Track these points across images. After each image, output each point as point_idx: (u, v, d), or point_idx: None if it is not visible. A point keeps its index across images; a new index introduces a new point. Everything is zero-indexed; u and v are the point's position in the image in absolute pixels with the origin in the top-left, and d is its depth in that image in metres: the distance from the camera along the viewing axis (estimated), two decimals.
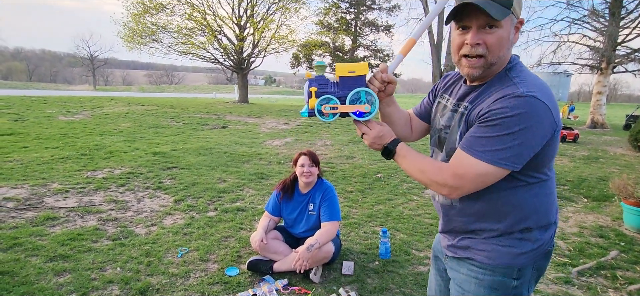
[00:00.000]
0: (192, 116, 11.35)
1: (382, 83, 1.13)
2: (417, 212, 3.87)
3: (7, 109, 10.17)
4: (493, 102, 0.95)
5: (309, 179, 2.59)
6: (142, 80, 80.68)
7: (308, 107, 1.15)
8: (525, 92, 0.91)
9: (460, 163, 0.98)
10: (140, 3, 15.27)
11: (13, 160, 5.12)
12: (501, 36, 0.97)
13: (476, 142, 0.96)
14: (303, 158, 2.61)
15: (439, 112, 1.19)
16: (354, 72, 1.11)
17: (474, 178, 0.97)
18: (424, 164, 1.06)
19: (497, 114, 0.92)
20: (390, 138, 1.13)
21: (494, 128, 0.93)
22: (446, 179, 1.00)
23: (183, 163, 5.50)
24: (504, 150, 0.92)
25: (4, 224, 3.08)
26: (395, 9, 19.81)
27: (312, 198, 2.64)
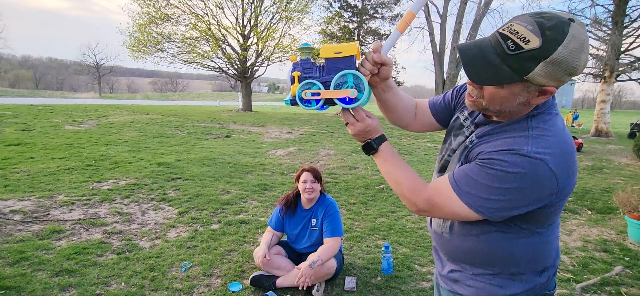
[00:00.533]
0: (196, 125, 11.43)
1: (375, 65, 0.99)
2: (420, 225, 3.87)
3: (15, 119, 10.30)
4: (497, 151, 0.87)
5: (311, 195, 2.62)
6: (147, 88, 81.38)
7: (290, 95, 1.03)
8: (533, 152, 0.83)
9: (441, 192, 0.93)
10: (146, 14, 15.49)
11: (20, 171, 5.19)
12: (498, 94, 0.87)
13: (465, 179, 0.90)
14: (305, 175, 2.63)
15: (455, 129, 1.11)
16: (340, 53, 0.98)
17: (447, 213, 0.93)
18: (402, 176, 0.99)
19: (495, 164, 0.85)
20: (376, 133, 1.03)
21: (487, 177, 0.86)
22: (418, 201, 0.95)
23: (187, 174, 5.54)
24: (488, 200, 0.87)
25: (11, 237, 3.12)
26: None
27: (314, 213, 2.67)
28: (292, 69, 1.03)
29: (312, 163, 6.82)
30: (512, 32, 0.80)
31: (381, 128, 1.04)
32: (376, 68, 1.00)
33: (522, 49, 0.79)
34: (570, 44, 0.77)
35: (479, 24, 16.98)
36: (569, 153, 0.87)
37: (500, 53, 0.82)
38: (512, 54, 0.80)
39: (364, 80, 0.97)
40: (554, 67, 0.79)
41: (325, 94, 0.99)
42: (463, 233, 1.01)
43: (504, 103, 0.88)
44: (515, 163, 0.83)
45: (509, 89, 0.85)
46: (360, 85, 0.98)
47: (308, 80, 1.00)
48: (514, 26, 0.80)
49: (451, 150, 1.07)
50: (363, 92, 0.98)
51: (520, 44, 0.79)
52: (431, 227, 1.14)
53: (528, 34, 0.78)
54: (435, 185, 0.96)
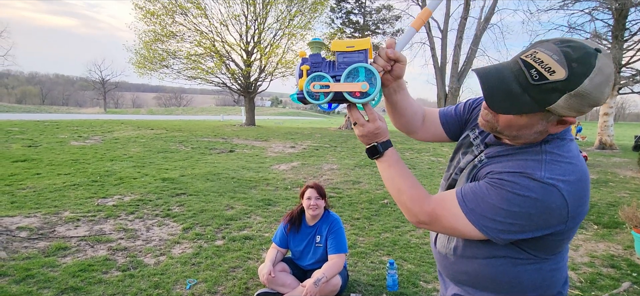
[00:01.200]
0: (200, 140, 11.50)
1: (389, 61, 0.95)
2: (425, 240, 3.86)
3: (22, 134, 10.42)
4: (509, 172, 0.84)
5: (315, 212, 2.63)
6: (152, 103, 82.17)
7: (298, 89, 0.97)
8: (546, 178, 0.80)
9: (444, 206, 0.90)
10: (152, 31, 15.78)
11: (27, 188, 5.23)
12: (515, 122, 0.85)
13: (471, 196, 0.87)
14: (310, 191, 2.65)
15: (464, 147, 1.08)
16: (353, 47, 0.94)
17: (448, 228, 0.90)
18: (405, 184, 0.95)
19: (506, 185, 0.83)
20: (384, 137, 0.99)
21: (495, 196, 0.83)
22: (420, 213, 0.92)
23: (191, 189, 5.57)
24: (493, 221, 0.84)
25: (17, 254, 3.14)
26: (399, 32, 20.14)
27: (318, 230, 2.67)
28: (300, 62, 0.98)
29: (315, 179, 6.83)
30: (536, 61, 0.77)
31: (389, 134, 1.01)
32: (389, 65, 0.96)
33: (546, 79, 0.76)
34: (596, 78, 0.74)
35: (479, 38, 17.16)
36: (583, 181, 0.84)
37: (522, 82, 0.79)
38: (535, 84, 0.77)
39: (377, 74, 0.91)
40: (578, 100, 0.76)
41: (335, 87, 0.92)
42: (468, 256, 0.98)
43: (521, 130, 0.85)
44: (527, 187, 0.80)
45: (528, 119, 0.83)
46: (372, 79, 0.91)
47: (317, 73, 0.94)
48: (538, 54, 0.78)
49: (459, 168, 1.05)
50: (375, 86, 0.91)
51: (544, 74, 0.76)
52: (435, 247, 1.11)
53: (553, 64, 0.75)
54: (439, 198, 0.93)
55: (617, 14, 12.69)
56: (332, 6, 19.53)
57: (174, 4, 15.67)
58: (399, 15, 19.70)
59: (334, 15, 20.02)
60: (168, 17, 15.82)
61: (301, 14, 17.21)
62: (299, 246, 2.71)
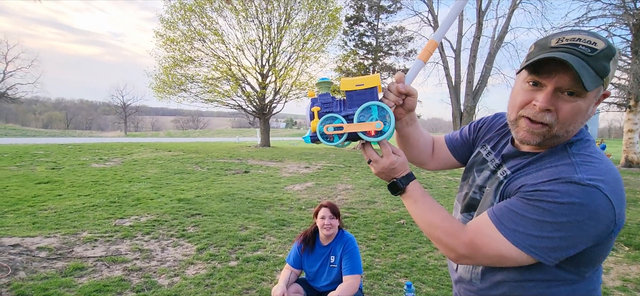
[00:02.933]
0: (215, 161, 11.65)
1: (399, 95, 0.93)
2: (443, 262, 3.72)
3: (46, 157, 10.80)
4: (543, 182, 0.78)
5: (329, 232, 2.58)
6: (170, 126, 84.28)
7: (310, 131, 0.96)
8: (586, 179, 0.74)
9: (482, 233, 0.82)
10: (171, 57, 16.36)
11: (48, 209, 5.37)
12: (580, 108, 0.79)
13: (509, 215, 0.79)
14: (323, 210, 2.61)
15: (477, 165, 1.02)
16: (362, 85, 0.92)
17: (492, 256, 0.82)
18: (437, 218, 0.89)
19: (544, 196, 0.76)
20: (403, 172, 0.94)
21: (535, 210, 0.76)
22: (458, 246, 0.84)
23: (206, 210, 5.59)
24: (540, 238, 0.76)
25: (36, 274, 3.18)
26: (412, 53, 20.25)
27: (333, 250, 2.61)
28: (310, 104, 0.97)
29: (330, 199, 6.77)
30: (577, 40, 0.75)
31: (408, 166, 0.96)
32: (400, 99, 0.94)
33: (596, 49, 0.74)
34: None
35: (493, 57, 17.03)
36: (620, 181, 0.78)
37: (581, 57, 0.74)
38: (591, 55, 0.74)
39: (390, 112, 0.90)
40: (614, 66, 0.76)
41: (349, 128, 0.92)
42: (497, 281, 0.90)
43: (579, 119, 0.79)
44: (567, 193, 0.73)
45: (588, 99, 0.78)
46: (385, 117, 0.91)
47: (330, 115, 0.94)
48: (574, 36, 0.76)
49: (477, 186, 0.98)
50: (389, 124, 0.90)
51: (593, 46, 0.74)
52: (456, 272, 1.03)
53: (590, 37, 0.75)
54: (473, 226, 0.85)
55: (635, 29, 12.43)
56: (344, 29, 19.87)
57: (192, 31, 16.26)
58: (412, 36, 19.84)
59: (347, 37, 20.36)
60: (187, 43, 16.40)
61: (315, 37, 17.56)
62: (313, 267, 2.65)
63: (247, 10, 16.37)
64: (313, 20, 17.17)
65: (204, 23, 16.25)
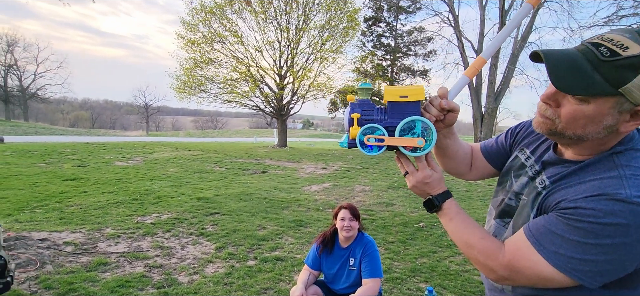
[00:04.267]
0: (234, 161, 11.79)
1: (441, 111, 0.92)
2: (465, 267, 3.62)
3: (73, 155, 11.20)
4: (586, 197, 0.72)
5: (349, 233, 2.54)
6: (190, 126, 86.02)
7: (348, 137, 0.95)
8: (634, 197, 0.67)
9: (521, 255, 0.78)
10: (192, 59, 16.70)
11: (74, 205, 5.54)
12: (582, 113, 0.73)
13: (549, 236, 0.74)
14: (343, 212, 2.57)
15: (514, 170, 0.98)
16: (406, 97, 0.90)
17: (533, 278, 0.77)
18: (474, 238, 0.86)
19: (585, 216, 0.70)
20: (439, 189, 0.92)
21: (576, 231, 0.71)
22: (496, 267, 0.81)
23: (225, 209, 5.65)
24: (584, 262, 0.71)
25: (62, 268, 3.28)
26: (432, 54, 19.96)
27: (352, 252, 2.57)
28: (350, 110, 0.95)
29: (347, 200, 6.72)
30: (605, 40, 0.70)
31: (444, 183, 0.94)
32: (442, 115, 0.93)
33: (618, 55, 0.67)
34: None
35: (516, 57, 16.57)
36: None
37: (591, 59, 0.70)
38: (606, 60, 0.68)
39: (433, 130, 0.90)
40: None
41: (390, 141, 0.91)
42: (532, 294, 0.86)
43: (588, 125, 0.73)
44: (612, 212, 0.67)
45: (596, 106, 0.71)
46: (428, 134, 0.90)
47: (371, 125, 0.93)
48: (606, 35, 0.71)
49: (513, 192, 0.93)
50: (430, 142, 0.90)
51: (616, 50, 0.68)
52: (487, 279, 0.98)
53: (626, 41, 0.68)
54: (512, 246, 0.81)
55: None
56: (363, 30, 19.77)
57: (213, 33, 16.54)
58: (431, 36, 19.52)
59: (365, 38, 20.24)
60: (207, 44, 16.70)
61: (333, 38, 17.54)
62: (332, 269, 2.61)
63: (266, 12, 16.52)
64: (331, 22, 17.17)
65: (223, 25, 16.50)
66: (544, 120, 0.80)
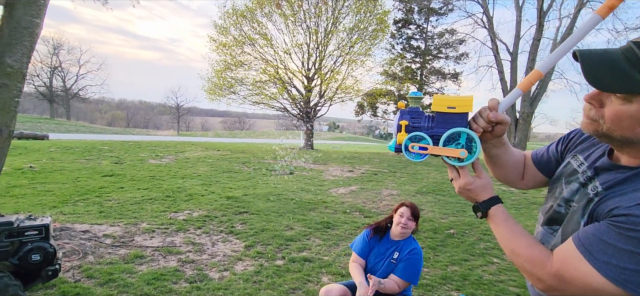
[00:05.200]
0: (261, 161, 11.97)
1: (489, 123, 0.92)
2: (500, 277, 3.48)
3: (110, 153, 11.77)
4: (637, 205, 0.70)
5: (404, 230, 2.48)
6: (218, 126, 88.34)
7: (396, 141, 0.99)
8: None
9: (570, 264, 0.75)
10: (223, 61, 17.16)
11: (112, 200, 5.82)
12: (625, 113, 0.72)
13: (599, 245, 0.72)
14: (404, 209, 2.51)
15: (565, 176, 0.95)
16: (454, 108, 0.92)
17: (582, 289, 0.74)
18: (521, 245, 0.85)
19: (637, 224, 0.68)
20: (484, 195, 0.93)
21: (629, 241, 0.69)
22: (544, 276, 0.79)
23: (253, 208, 5.74)
24: (637, 273, 0.68)
25: (102, 259, 3.44)
26: (463, 57, 19.42)
27: (399, 247, 2.52)
28: (399, 116, 0.99)
29: (374, 203, 6.65)
30: None
31: (491, 190, 0.94)
32: (490, 126, 0.93)
33: None
34: None
35: None
36: None
37: (631, 58, 0.70)
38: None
39: (478, 142, 0.91)
40: None
41: (433, 150, 0.94)
42: None
43: (635, 126, 0.71)
44: None
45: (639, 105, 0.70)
46: (472, 146, 0.92)
47: (417, 133, 0.96)
48: None
49: (563, 199, 0.91)
50: (474, 154, 0.92)
51: None
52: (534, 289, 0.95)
53: None
54: (560, 254, 0.79)
55: None
56: (392, 32, 19.55)
57: (243, 36, 16.91)
58: (463, 38, 19.01)
59: (394, 41, 20.00)
60: (238, 47, 17.09)
61: (361, 41, 17.47)
62: (374, 259, 2.56)
63: (296, 15, 16.70)
64: (360, 24, 17.11)
65: (254, 28, 16.84)
66: (589, 121, 0.79)
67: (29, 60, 3.70)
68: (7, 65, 3.48)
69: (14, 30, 3.52)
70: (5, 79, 3.49)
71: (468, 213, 6.16)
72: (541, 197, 6.30)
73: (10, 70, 3.49)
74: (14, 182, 6.57)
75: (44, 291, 2.76)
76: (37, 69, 41.04)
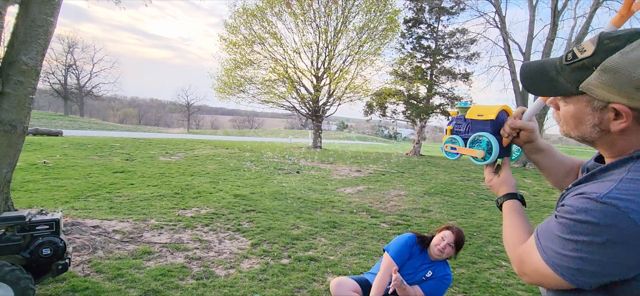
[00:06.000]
0: (269, 160, 12.02)
1: (513, 130, 1.04)
2: (508, 281, 3.44)
3: (121, 150, 11.96)
4: (573, 195, 0.75)
5: (441, 255, 2.44)
6: (227, 125, 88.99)
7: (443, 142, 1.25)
8: (605, 197, 0.67)
9: (527, 249, 0.83)
10: (232, 60, 17.27)
11: (122, 196, 5.92)
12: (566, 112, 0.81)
13: (545, 232, 0.78)
14: (448, 234, 2.45)
15: None
16: (482, 116, 1.11)
17: (533, 273, 0.80)
18: (510, 234, 0.92)
19: (565, 211, 0.73)
20: (502, 191, 1.04)
21: (559, 226, 0.73)
22: (514, 259, 0.87)
23: (260, 207, 5.77)
24: (564, 257, 0.71)
25: (112, 254, 3.50)
26: (475, 57, 19.15)
27: (433, 267, 2.49)
28: (448, 122, 1.25)
29: (382, 205, 6.62)
30: (576, 47, 0.76)
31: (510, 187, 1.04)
32: (514, 132, 1.04)
33: (576, 58, 0.75)
34: (633, 52, 0.67)
35: None
36: None
37: (556, 65, 0.80)
38: (566, 64, 0.77)
39: (494, 145, 1.07)
40: (609, 76, 0.69)
41: (461, 150, 1.16)
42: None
43: (579, 126, 0.80)
44: (583, 210, 0.69)
45: (574, 106, 0.79)
46: (491, 148, 1.07)
47: (453, 136, 1.19)
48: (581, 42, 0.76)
49: None
50: (491, 154, 1.07)
51: (577, 54, 0.75)
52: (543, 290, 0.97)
53: (587, 45, 0.74)
54: (528, 241, 0.85)
55: None
56: (402, 32, 19.40)
57: (253, 35, 17.00)
58: (475, 38, 18.75)
59: (404, 40, 19.82)
60: (247, 46, 17.19)
61: (371, 40, 17.40)
62: (407, 270, 2.49)
63: (306, 14, 16.72)
64: (370, 23, 17.04)
65: (263, 27, 16.91)
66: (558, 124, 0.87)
67: (43, 58, 3.78)
68: (23, 62, 3.56)
69: (29, 29, 3.60)
70: (20, 76, 3.57)
71: (477, 215, 6.09)
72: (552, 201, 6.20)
73: (25, 67, 3.58)
74: (28, 177, 6.73)
75: (54, 285, 2.82)
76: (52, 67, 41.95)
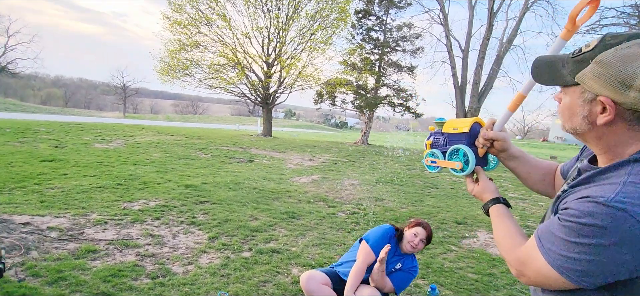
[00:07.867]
0: (219, 148, 11.57)
1: (486, 141, 1.11)
2: (458, 264, 3.70)
3: (48, 135, 10.68)
4: (576, 199, 0.76)
5: (414, 251, 2.56)
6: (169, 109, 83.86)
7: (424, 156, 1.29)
8: (613, 201, 0.68)
9: (528, 251, 0.84)
10: (177, 41, 16.16)
11: (55, 187, 5.29)
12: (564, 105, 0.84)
13: (547, 234, 0.79)
14: (420, 230, 2.55)
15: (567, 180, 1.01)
16: (456, 129, 1.18)
17: (534, 274, 0.82)
18: (503, 237, 0.95)
19: (570, 215, 0.74)
20: (485, 197, 1.09)
21: (564, 229, 0.75)
22: (512, 261, 0.89)
23: (214, 197, 5.53)
24: (569, 259, 0.73)
25: (48, 255, 3.12)
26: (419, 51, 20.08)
27: (403, 260, 2.60)
28: (428, 136, 1.28)
29: (337, 193, 6.73)
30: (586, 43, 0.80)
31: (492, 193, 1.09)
32: (488, 143, 1.11)
33: (580, 51, 0.79)
34: (626, 50, 0.71)
35: (501, 59, 16.97)
36: None
37: (563, 58, 0.83)
38: (572, 57, 0.81)
39: (470, 156, 1.12)
40: (601, 69, 0.74)
41: (441, 163, 1.21)
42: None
43: (572, 118, 0.83)
44: (589, 213, 0.70)
45: (569, 97, 0.83)
46: (467, 159, 1.13)
47: (433, 150, 1.24)
48: None
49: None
50: (469, 165, 1.13)
51: (582, 48, 0.79)
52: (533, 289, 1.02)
53: (593, 41, 0.78)
54: (527, 243, 0.87)
55: None
56: (353, 22, 19.66)
57: (200, 15, 16.05)
58: (420, 33, 19.65)
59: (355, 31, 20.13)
60: (193, 27, 16.20)
61: (323, 29, 17.38)
62: None
63: None
64: (322, 12, 16.98)
65: (211, 7, 16.03)
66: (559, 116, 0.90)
67: None
68: None
69: None
70: None
71: (425, 202, 6.47)
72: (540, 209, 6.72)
73: None
74: None
75: None
76: None
